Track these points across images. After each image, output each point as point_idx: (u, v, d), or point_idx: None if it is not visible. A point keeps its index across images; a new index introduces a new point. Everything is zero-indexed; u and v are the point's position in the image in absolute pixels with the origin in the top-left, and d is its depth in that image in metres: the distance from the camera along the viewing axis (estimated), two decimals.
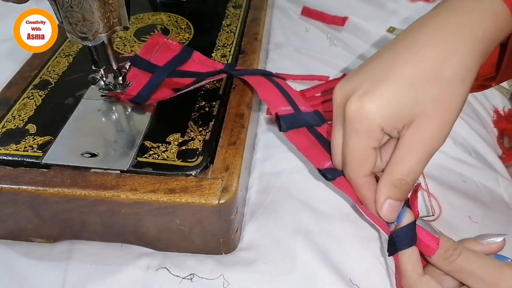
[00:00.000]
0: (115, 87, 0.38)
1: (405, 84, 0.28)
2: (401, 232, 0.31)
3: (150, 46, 0.43)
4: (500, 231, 0.39)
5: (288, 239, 0.37)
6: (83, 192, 0.32)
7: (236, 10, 0.52)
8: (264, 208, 0.39)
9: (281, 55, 0.58)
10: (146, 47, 0.43)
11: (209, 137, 0.36)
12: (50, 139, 0.35)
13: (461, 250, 0.29)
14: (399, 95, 0.27)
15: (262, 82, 0.40)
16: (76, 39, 0.34)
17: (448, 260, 0.29)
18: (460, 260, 0.29)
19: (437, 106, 0.27)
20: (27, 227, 0.36)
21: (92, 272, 0.34)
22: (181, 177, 0.33)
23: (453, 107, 0.28)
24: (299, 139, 0.36)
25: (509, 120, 0.53)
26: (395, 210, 0.30)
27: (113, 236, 0.36)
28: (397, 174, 0.29)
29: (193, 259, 0.35)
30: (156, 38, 0.44)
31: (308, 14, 0.67)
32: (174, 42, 0.44)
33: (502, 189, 0.44)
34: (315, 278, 0.34)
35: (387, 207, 0.30)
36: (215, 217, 0.32)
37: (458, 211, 0.40)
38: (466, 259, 0.29)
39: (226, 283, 0.34)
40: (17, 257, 0.36)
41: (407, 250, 0.30)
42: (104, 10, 0.32)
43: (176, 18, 0.51)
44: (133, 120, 0.38)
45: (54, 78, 0.42)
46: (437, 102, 0.27)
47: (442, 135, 0.28)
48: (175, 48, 0.44)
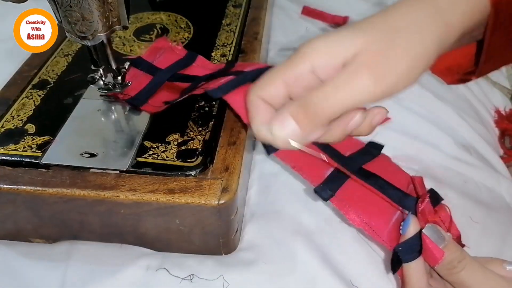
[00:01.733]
0: (114, 87, 0.38)
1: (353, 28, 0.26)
2: (406, 245, 0.30)
3: (155, 49, 0.43)
4: (501, 231, 0.39)
5: (288, 240, 0.37)
6: (82, 192, 0.32)
7: (236, 9, 0.52)
8: (264, 208, 0.39)
9: (281, 55, 0.58)
10: (151, 50, 0.43)
11: (209, 137, 0.36)
12: (49, 139, 0.35)
13: (466, 263, 0.28)
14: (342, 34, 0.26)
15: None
16: (75, 39, 0.34)
17: (450, 272, 0.29)
18: (463, 274, 0.28)
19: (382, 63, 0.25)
20: (26, 227, 0.36)
21: (92, 273, 0.34)
22: (180, 177, 0.32)
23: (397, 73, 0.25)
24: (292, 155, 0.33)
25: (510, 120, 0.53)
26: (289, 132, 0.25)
27: (113, 236, 0.36)
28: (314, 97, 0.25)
29: (193, 259, 0.35)
30: (161, 42, 0.44)
31: (308, 14, 0.67)
32: (179, 47, 0.44)
33: (503, 189, 0.44)
34: (315, 279, 0.34)
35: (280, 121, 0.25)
36: (215, 217, 0.32)
37: (459, 211, 0.40)
38: (469, 275, 0.28)
39: (226, 284, 0.34)
40: (17, 257, 0.36)
41: (412, 263, 0.29)
42: (103, 9, 0.32)
43: (175, 17, 0.51)
44: (132, 120, 0.38)
45: (53, 78, 0.41)
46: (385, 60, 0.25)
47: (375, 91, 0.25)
48: (179, 53, 0.43)
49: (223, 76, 0.37)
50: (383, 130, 0.48)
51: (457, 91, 0.55)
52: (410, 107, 0.51)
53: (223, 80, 0.36)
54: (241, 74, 0.36)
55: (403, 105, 0.51)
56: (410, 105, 0.51)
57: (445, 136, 0.48)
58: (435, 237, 0.29)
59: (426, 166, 0.44)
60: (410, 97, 0.53)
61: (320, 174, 0.34)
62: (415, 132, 0.48)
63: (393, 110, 0.50)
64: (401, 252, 0.30)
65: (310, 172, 0.33)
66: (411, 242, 0.30)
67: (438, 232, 0.30)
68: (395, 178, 0.34)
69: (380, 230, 0.32)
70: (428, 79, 0.56)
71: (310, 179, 0.33)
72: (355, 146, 0.37)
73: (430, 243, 0.29)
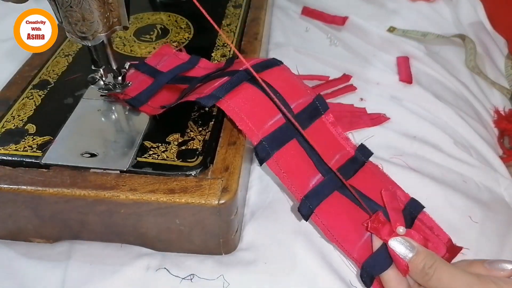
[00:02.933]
0: (114, 87, 0.38)
1: None
2: (373, 260, 0.31)
3: (159, 55, 0.43)
4: (501, 231, 0.39)
5: (288, 240, 0.37)
6: (83, 192, 0.32)
7: (236, 10, 0.52)
8: (264, 208, 0.39)
9: (281, 55, 0.58)
10: (154, 56, 0.43)
11: (209, 137, 0.36)
12: (49, 139, 0.35)
13: (436, 267, 0.29)
14: None
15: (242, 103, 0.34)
16: (76, 39, 0.34)
17: (424, 279, 0.29)
18: (434, 279, 0.29)
19: None
20: (26, 227, 0.36)
21: (92, 272, 0.34)
22: (181, 177, 0.32)
23: None
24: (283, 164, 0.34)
25: (509, 120, 0.53)
26: None
27: (113, 236, 0.36)
28: None
29: (193, 259, 0.35)
30: (165, 49, 0.44)
31: (308, 14, 0.67)
32: (183, 53, 0.44)
33: (502, 189, 0.44)
34: (315, 279, 0.34)
35: None
36: (215, 217, 0.32)
37: (458, 211, 0.40)
38: (438, 279, 0.29)
39: (226, 284, 0.34)
40: (17, 257, 0.36)
41: (386, 274, 0.31)
42: (103, 9, 0.32)
43: (176, 17, 0.51)
44: (132, 120, 0.38)
45: (54, 78, 0.41)
46: None
47: None
48: (183, 58, 0.43)
49: (218, 77, 0.37)
50: (383, 130, 0.48)
51: (456, 91, 0.55)
52: (410, 107, 0.51)
53: (216, 83, 0.35)
54: (235, 74, 0.35)
55: (403, 105, 0.51)
56: (410, 105, 0.51)
57: (445, 136, 0.48)
58: (402, 249, 0.31)
59: (425, 166, 0.44)
60: (410, 97, 0.53)
61: (305, 184, 0.34)
62: (415, 132, 0.48)
63: (393, 110, 0.50)
64: (370, 266, 0.31)
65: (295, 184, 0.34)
66: (377, 255, 0.31)
67: (405, 243, 0.31)
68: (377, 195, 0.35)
69: (350, 249, 0.33)
70: (428, 79, 0.56)
71: (294, 192, 0.33)
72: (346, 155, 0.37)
73: (394, 255, 0.31)
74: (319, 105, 0.37)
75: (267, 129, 0.34)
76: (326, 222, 0.33)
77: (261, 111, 0.34)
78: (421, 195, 0.36)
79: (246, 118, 0.33)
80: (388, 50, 0.61)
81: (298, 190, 0.34)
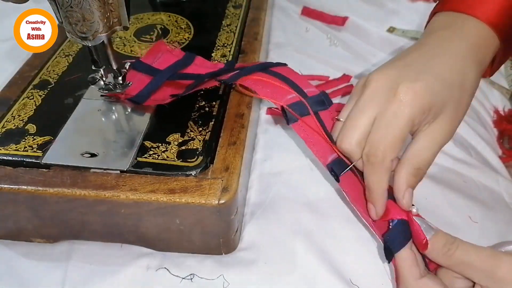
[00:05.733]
0: (115, 87, 0.38)
1: (441, 83, 0.31)
2: (393, 233, 0.32)
3: (153, 52, 0.43)
4: (500, 231, 0.39)
5: (288, 239, 0.37)
6: (83, 192, 0.32)
7: (236, 10, 0.52)
8: (264, 208, 0.39)
9: (281, 55, 0.58)
10: (149, 53, 0.43)
11: (209, 137, 0.36)
12: (50, 139, 0.35)
13: (459, 243, 0.30)
14: (436, 89, 0.31)
15: (260, 79, 0.39)
16: (76, 39, 0.34)
17: (447, 255, 0.29)
18: (458, 252, 0.29)
19: (456, 108, 0.32)
20: (27, 227, 0.36)
21: (92, 272, 0.34)
22: (181, 177, 0.33)
23: (464, 111, 0.33)
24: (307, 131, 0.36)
25: (509, 120, 0.53)
26: (412, 198, 0.32)
27: (113, 236, 0.36)
28: (417, 163, 0.31)
29: (193, 259, 0.35)
30: (159, 46, 0.44)
31: (308, 14, 0.67)
32: (177, 50, 0.44)
33: (502, 189, 0.44)
34: (315, 279, 0.34)
35: (408, 195, 0.32)
36: (215, 217, 0.32)
37: (458, 211, 0.40)
38: (464, 252, 0.29)
39: (226, 283, 0.34)
40: (17, 257, 0.36)
41: (401, 253, 0.31)
42: (104, 10, 0.32)
43: (176, 18, 0.51)
44: (133, 120, 0.38)
45: (54, 78, 0.41)
46: (457, 105, 0.32)
47: (452, 133, 0.33)
48: (177, 54, 0.43)
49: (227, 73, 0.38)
50: None
51: None
52: None
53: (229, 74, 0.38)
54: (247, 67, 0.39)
55: None
56: None
57: None
58: (423, 226, 0.31)
59: None
60: None
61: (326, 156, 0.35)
62: None
63: None
64: (390, 240, 0.32)
65: (321, 150, 0.35)
66: (398, 228, 0.32)
67: (425, 222, 0.31)
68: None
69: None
70: None
71: (321, 157, 0.35)
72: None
73: (417, 229, 0.31)
74: (325, 99, 0.38)
75: (287, 100, 0.37)
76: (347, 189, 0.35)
77: (278, 89, 0.37)
78: (420, 195, 0.36)
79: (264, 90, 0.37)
80: (388, 50, 0.61)
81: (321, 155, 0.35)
